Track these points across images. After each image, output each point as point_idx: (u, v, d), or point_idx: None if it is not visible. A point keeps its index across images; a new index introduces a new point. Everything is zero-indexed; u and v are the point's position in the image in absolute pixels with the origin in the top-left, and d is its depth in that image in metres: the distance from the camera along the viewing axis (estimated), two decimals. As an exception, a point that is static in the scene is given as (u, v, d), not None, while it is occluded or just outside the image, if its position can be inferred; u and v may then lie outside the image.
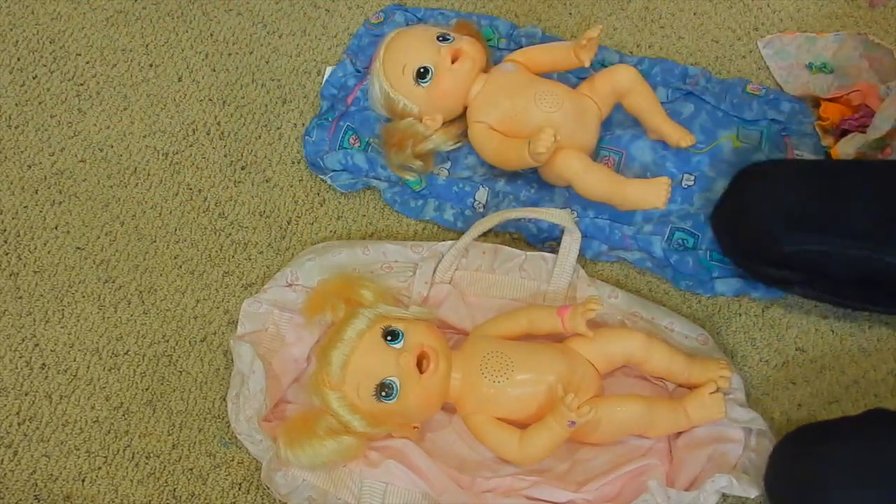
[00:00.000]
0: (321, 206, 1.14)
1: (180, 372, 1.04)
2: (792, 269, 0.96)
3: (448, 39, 1.08)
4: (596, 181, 1.02)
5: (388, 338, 0.89)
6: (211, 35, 1.28)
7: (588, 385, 0.91)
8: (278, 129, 1.20)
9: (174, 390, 1.02)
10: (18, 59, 1.26)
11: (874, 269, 0.93)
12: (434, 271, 1.02)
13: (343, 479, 0.90)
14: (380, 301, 0.94)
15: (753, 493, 0.86)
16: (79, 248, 1.12)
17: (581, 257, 1.06)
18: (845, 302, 1.02)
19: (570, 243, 1.01)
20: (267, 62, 1.25)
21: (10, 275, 1.10)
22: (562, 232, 1.03)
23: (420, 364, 0.88)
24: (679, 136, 1.08)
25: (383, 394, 0.87)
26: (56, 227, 1.13)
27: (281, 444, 0.89)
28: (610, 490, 0.90)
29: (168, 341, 1.05)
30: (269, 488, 0.93)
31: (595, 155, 1.11)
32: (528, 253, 1.04)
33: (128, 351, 1.05)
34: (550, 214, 1.03)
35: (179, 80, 1.24)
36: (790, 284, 1.00)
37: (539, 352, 0.92)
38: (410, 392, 0.87)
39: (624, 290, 1.03)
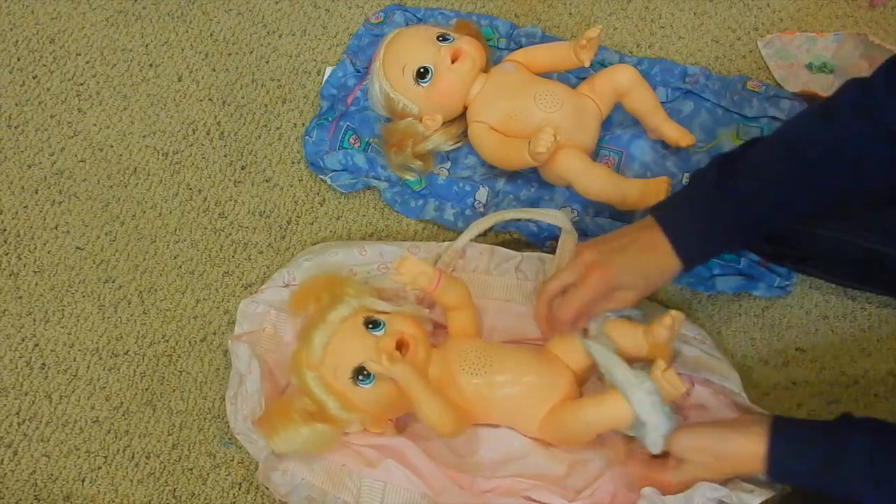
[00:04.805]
0: (321, 206, 1.14)
1: (180, 372, 1.04)
2: (786, 245, 0.98)
3: (448, 39, 1.08)
4: (596, 181, 1.02)
5: (370, 325, 0.90)
6: (211, 35, 1.28)
7: (565, 389, 0.91)
8: (278, 129, 1.20)
9: (174, 390, 1.02)
10: (18, 59, 1.26)
11: (857, 253, 0.95)
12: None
13: (342, 479, 0.90)
14: (364, 295, 0.94)
15: (755, 500, 0.85)
16: (79, 248, 1.12)
17: (581, 257, 1.06)
18: (837, 280, 1.04)
19: (568, 244, 1.01)
20: (267, 62, 1.25)
21: (10, 275, 1.10)
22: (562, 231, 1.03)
23: (399, 351, 0.88)
24: (679, 136, 1.08)
25: (360, 377, 0.88)
26: (56, 227, 1.13)
27: (261, 429, 0.90)
28: (603, 497, 0.90)
29: (168, 341, 1.05)
30: (267, 488, 0.93)
31: (595, 155, 1.11)
32: (525, 254, 1.04)
33: (128, 351, 1.05)
34: (547, 215, 1.03)
35: (179, 80, 1.24)
36: (783, 258, 1.01)
37: (518, 353, 0.93)
38: (387, 378, 0.88)
39: None
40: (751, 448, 0.81)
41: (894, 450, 0.76)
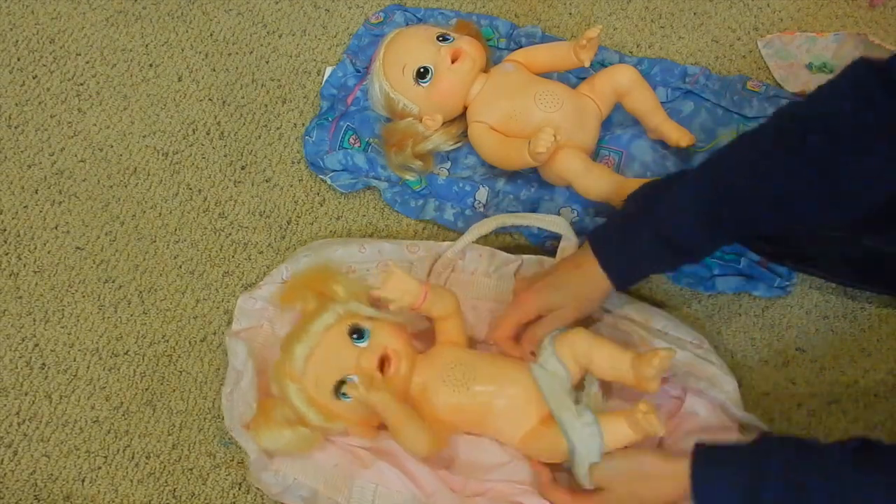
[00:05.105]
0: (321, 206, 1.14)
1: (180, 372, 1.04)
2: (786, 245, 0.99)
3: (448, 39, 1.08)
4: (596, 181, 1.02)
5: (354, 335, 0.90)
6: (211, 35, 1.28)
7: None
8: (278, 129, 1.20)
9: (174, 390, 1.02)
10: (18, 59, 1.26)
11: (857, 252, 0.96)
12: (429, 273, 1.02)
13: (334, 480, 0.91)
14: (351, 298, 0.93)
15: None
16: (79, 248, 1.12)
17: (581, 257, 1.06)
18: (837, 280, 1.04)
19: (567, 249, 1.01)
20: (267, 62, 1.25)
21: (10, 275, 1.10)
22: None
23: (382, 365, 0.88)
24: (679, 136, 1.08)
25: (342, 392, 0.88)
26: (56, 227, 1.13)
27: (249, 430, 0.91)
28: None
29: (168, 341, 1.05)
30: (258, 489, 0.93)
31: (595, 155, 1.11)
32: (525, 257, 1.04)
33: (128, 351, 1.05)
34: (546, 221, 1.03)
35: (179, 80, 1.24)
36: (783, 258, 1.02)
37: (504, 365, 0.92)
38: None
39: (619, 293, 1.02)
40: (672, 468, 0.80)
41: (813, 468, 0.75)
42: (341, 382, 0.88)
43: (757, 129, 0.86)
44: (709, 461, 0.80)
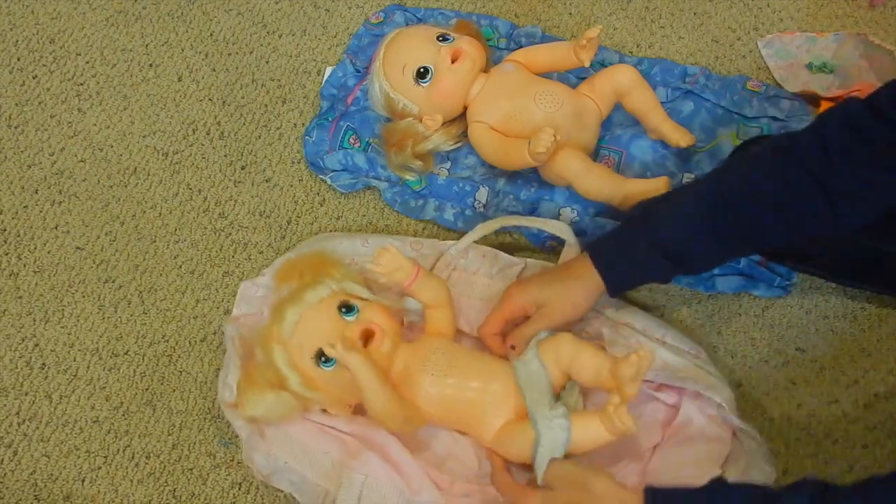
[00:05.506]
0: (321, 206, 1.14)
1: (180, 372, 1.04)
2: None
3: (448, 39, 1.08)
4: (596, 181, 1.02)
5: (343, 309, 0.91)
6: (211, 35, 1.28)
7: (522, 403, 0.90)
8: (278, 129, 1.20)
9: (174, 390, 1.02)
10: (18, 59, 1.26)
11: (857, 252, 0.96)
12: (431, 270, 1.02)
13: (324, 468, 0.91)
14: (346, 279, 0.94)
15: None
16: (79, 248, 1.12)
17: (581, 257, 1.06)
18: (837, 280, 1.04)
19: (569, 255, 1.01)
20: (267, 62, 1.25)
21: (10, 275, 1.10)
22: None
23: (366, 341, 0.89)
24: (679, 136, 1.08)
25: (322, 359, 0.89)
26: (56, 227, 1.13)
27: (236, 390, 0.92)
28: None
29: (168, 341, 1.06)
30: (250, 468, 0.93)
31: (595, 155, 1.11)
32: (529, 260, 1.03)
33: (128, 351, 1.05)
34: (549, 225, 1.03)
35: (179, 80, 1.24)
36: (783, 258, 1.02)
37: (487, 361, 0.93)
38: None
39: (618, 300, 1.00)
40: (621, 496, 0.77)
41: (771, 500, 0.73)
42: (322, 351, 0.88)
43: (757, 142, 0.89)
44: (663, 502, 0.77)
